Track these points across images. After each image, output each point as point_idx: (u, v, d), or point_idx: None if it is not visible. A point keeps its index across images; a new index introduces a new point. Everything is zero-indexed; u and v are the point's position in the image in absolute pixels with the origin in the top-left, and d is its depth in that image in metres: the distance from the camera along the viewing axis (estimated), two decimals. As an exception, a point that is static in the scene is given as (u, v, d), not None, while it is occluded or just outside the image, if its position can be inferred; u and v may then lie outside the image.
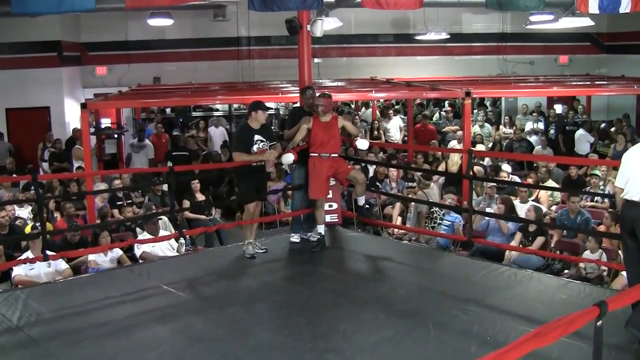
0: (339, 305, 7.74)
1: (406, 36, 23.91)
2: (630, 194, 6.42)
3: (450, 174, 15.36)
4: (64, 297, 8.12)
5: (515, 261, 10.75)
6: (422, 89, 16.57)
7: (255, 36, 23.11)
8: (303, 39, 10.95)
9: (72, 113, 20.14)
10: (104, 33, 21.66)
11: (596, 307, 4.08)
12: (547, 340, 3.75)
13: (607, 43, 24.95)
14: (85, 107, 12.94)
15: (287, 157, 9.60)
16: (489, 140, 19.69)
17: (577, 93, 20.66)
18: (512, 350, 3.51)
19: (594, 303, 4.15)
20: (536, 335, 3.68)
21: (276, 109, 22.77)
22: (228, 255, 9.96)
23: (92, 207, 12.42)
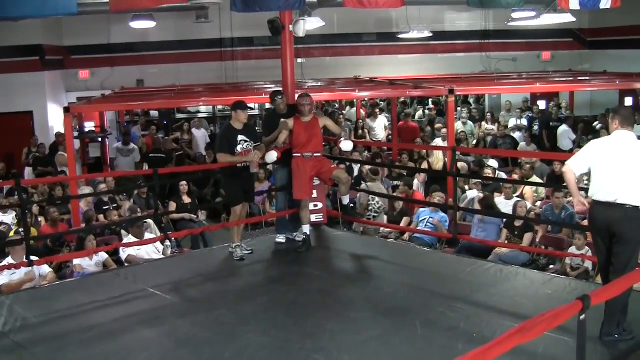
0: (326, 305, 7.74)
1: (389, 35, 23.91)
2: (601, 195, 6.33)
3: (434, 171, 15.37)
4: (50, 302, 8.08)
5: (501, 257, 10.79)
6: (405, 87, 16.60)
7: (238, 37, 23.05)
8: (286, 39, 10.94)
9: (55, 117, 20.05)
10: (87, 36, 21.53)
11: (579, 301, 4.10)
12: (531, 335, 3.76)
13: (589, 39, 25.04)
14: (69, 111, 12.91)
15: (271, 155, 9.59)
16: (472, 137, 19.74)
17: (560, 89, 20.76)
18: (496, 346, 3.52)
19: (577, 297, 4.17)
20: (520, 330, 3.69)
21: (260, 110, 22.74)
22: (214, 257, 9.95)
23: (77, 212, 12.38)
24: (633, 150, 6.29)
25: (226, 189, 10.57)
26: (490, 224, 11.79)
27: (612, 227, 6.27)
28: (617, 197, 6.20)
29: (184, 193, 14.11)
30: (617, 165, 6.26)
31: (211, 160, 16.64)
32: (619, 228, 6.23)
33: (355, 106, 23.82)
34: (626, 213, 6.18)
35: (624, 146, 6.34)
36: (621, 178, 6.21)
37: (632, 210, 6.16)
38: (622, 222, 6.20)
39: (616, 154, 6.33)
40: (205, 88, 18.94)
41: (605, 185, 6.30)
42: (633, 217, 6.18)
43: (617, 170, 6.25)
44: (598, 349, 6.05)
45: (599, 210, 6.38)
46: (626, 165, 6.23)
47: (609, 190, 6.26)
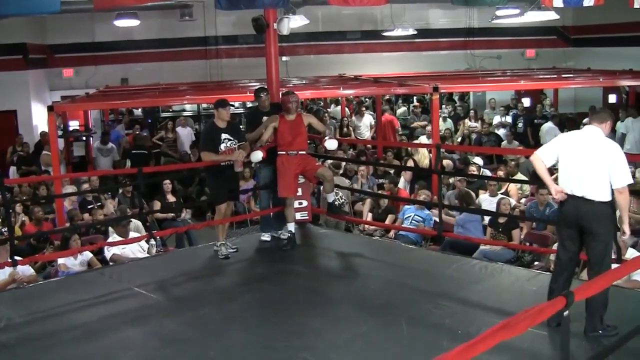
0: (311, 303, 7.74)
1: (374, 33, 23.92)
2: (569, 189, 6.42)
3: (419, 169, 15.38)
4: (35, 301, 8.04)
5: (486, 254, 10.81)
6: (390, 85, 16.62)
7: (222, 35, 23.04)
8: (270, 37, 10.92)
9: (39, 116, 19.97)
10: (71, 35, 21.48)
11: (563, 297, 4.11)
12: (515, 331, 3.77)
13: (573, 36, 25.13)
14: (53, 109, 12.85)
15: (256, 154, 9.57)
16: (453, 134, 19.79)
17: (544, 86, 20.78)
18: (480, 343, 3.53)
19: (561, 293, 4.19)
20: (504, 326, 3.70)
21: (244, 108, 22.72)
22: (199, 256, 9.94)
23: (61, 211, 12.33)
24: (595, 148, 6.36)
25: (210, 188, 10.55)
26: (471, 221, 11.81)
27: (582, 221, 6.36)
28: (585, 192, 6.29)
29: (168, 192, 14.08)
30: (582, 161, 6.36)
31: (196, 158, 16.61)
32: (589, 223, 6.31)
33: (340, 104, 23.83)
34: (594, 208, 6.27)
35: (588, 143, 6.43)
36: (586, 174, 6.31)
37: (600, 205, 6.26)
38: (590, 216, 6.28)
39: (581, 150, 6.42)
40: (190, 86, 18.89)
41: (573, 180, 6.39)
42: (600, 213, 6.27)
43: (582, 166, 6.35)
44: (582, 345, 6.08)
45: (570, 204, 6.46)
46: (589, 162, 6.32)
47: (577, 185, 6.35)
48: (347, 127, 20.48)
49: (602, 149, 6.33)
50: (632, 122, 17.56)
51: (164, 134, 20.40)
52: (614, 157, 6.26)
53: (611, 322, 6.30)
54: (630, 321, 5.89)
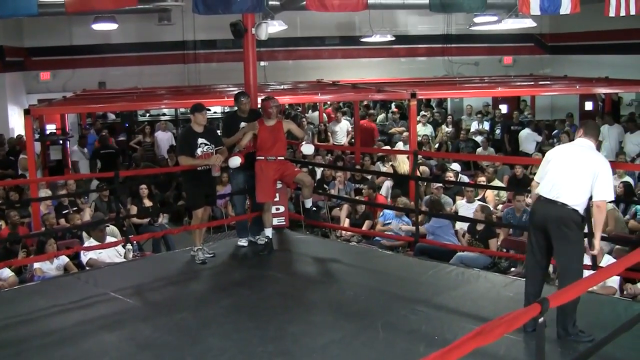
0: (288, 309, 7.73)
1: (352, 39, 24.01)
2: (545, 192, 6.49)
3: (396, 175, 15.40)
4: (9, 306, 7.99)
5: (462, 260, 10.85)
6: (368, 90, 16.66)
7: (201, 40, 23.03)
8: (248, 42, 10.92)
9: (15, 119, 19.88)
10: (48, 38, 21.41)
11: (538, 304, 4.14)
12: (490, 338, 3.78)
13: (550, 43, 25.33)
14: (29, 112, 12.78)
15: (234, 160, 9.54)
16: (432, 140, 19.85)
17: (521, 93, 20.91)
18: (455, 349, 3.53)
19: (536, 300, 4.22)
20: (479, 333, 3.71)
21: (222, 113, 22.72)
22: (175, 261, 9.90)
23: (37, 215, 12.27)
24: (583, 158, 6.42)
25: (187, 192, 10.52)
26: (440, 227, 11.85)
27: (548, 224, 6.41)
28: (559, 195, 6.35)
29: (145, 196, 14.04)
30: (566, 168, 6.42)
31: (173, 163, 16.57)
32: (554, 225, 6.37)
33: (318, 109, 23.85)
34: (563, 212, 6.32)
35: (578, 152, 6.50)
36: (567, 180, 6.36)
37: (570, 211, 6.31)
38: (558, 219, 6.34)
39: (568, 158, 6.49)
40: (168, 91, 18.85)
41: (551, 183, 6.45)
42: (568, 217, 6.31)
43: (565, 172, 6.41)
44: (557, 351, 6.12)
45: (540, 206, 6.54)
46: (573, 169, 6.38)
47: (552, 189, 6.42)
48: (324, 132, 20.50)
49: (592, 160, 6.39)
50: (608, 130, 17.69)
51: (141, 138, 20.36)
52: (601, 170, 6.32)
53: (586, 327, 6.34)
54: (604, 327, 5.94)
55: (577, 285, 5.13)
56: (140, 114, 23.65)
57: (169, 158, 17.85)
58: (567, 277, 6.27)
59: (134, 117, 23.21)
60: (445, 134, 20.44)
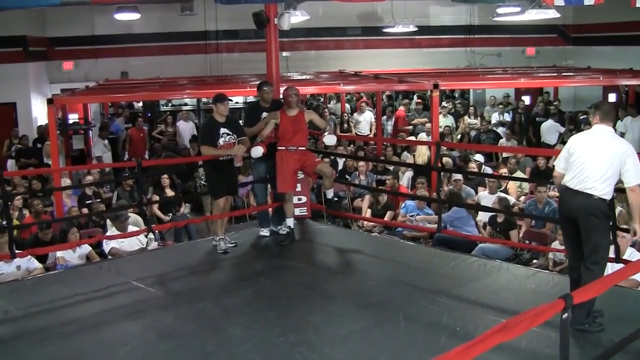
0: (309, 299, 7.74)
1: (374, 29, 23.91)
2: (572, 183, 6.48)
3: (419, 165, 15.36)
4: (32, 294, 8.05)
5: (484, 251, 10.81)
6: (390, 81, 16.61)
7: (223, 30, 23.00)
8: (270, 32, 10.92)
9: (38, 109, 19.97)
10: (71, 28, 21.43)
11: (562, 299, 4.10)
12: (514, 333, 3.76)
13: (573, 35, 25.13)
14: (52, 102, 12.83)
15: (257, 150, 9.56)
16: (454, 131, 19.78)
17: (544, 84, 20.77)
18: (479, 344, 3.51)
19: (560, 296, 4.18)
20: (503, 328, 3.68)
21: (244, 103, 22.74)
22: (197, 250, 9.93)
23: (60, 204, 12.31)
24: (608, 145, 6.39)
25: (209, 182, 10.52)
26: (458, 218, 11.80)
27: (576, 214, 6.41)
28: (585, 186, 6.34)
29: (167, 186, 14.07)
30: (591, 156, 6.39)
31: (195, 153, 16.59)
32: (582, 216, 6.35)
33: (340, 100, 23.82)
34: (591, 202, 6.30)
35: (601, 140, 6.47)
36: (592, 169, 6.34)
37: (597, 200, 6.29)
38: (585, 210, 6.32)
39: (592, 146, 6.45)
40: (190, 80, 18.88)
41: (577, 174, 6.43)
42: (596, 207, 6.30)
43: (589, 161, 6.38)
44: (580, 344, 6.08)
45: (567, 197, 6.52)
46: (598, 158, 6.35)
47: (579, 179, 6.39)
48: (347, 123, 20.49)
49: (617, 146, 6.38)
50: (632, 122, 17.59)
51: (163, 127, 20.41)
52: (628, 154, 6.30)
53: (609, 320, 6.31)
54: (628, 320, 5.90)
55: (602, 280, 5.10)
56: (162, 103, 23.69)
57: (191, 148, 17.87)
58: (593, 266, 6.28)
59: (156, 107, 23.26)
60: (467, 125, 20.35)
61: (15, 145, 17.97)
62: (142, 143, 18.81)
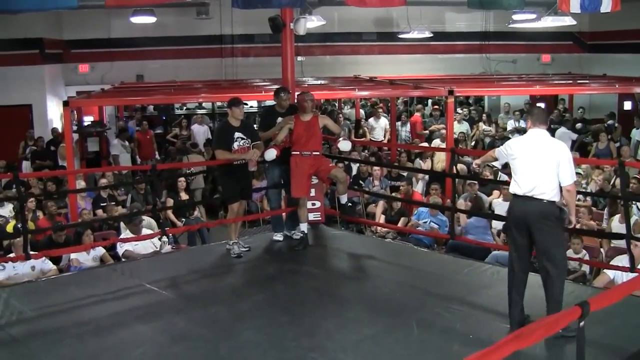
0: (322, 304, 7.74)
1: (389, 34, 23.92)
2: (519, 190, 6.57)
3: (433, 172, 15.34)
4: (46, 295, 8.08)
5: (498, 259, 10.77)
6: (405, 87, 16.60)
7: (238, 34, 23.04)
8: (286, 37, 10.94)
9: (54, 111, 20.06)
10: (87, 30, 21.52)
11: (578, 307, 4.08)
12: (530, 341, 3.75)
13: (589, 42, 25.08)
14: (68, 104, 12.88)
15: (270, 152, 9.55)
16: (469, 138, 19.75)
17: (559, 92, 20.76)
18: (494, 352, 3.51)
19: (576, 303, 4.16)
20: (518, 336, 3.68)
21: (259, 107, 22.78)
22: (211, 254, 9.95)
23: (75, 206, 12.36)
24: (545, 148, 6.50)
25: (223, 186, 10.53)
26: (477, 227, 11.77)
27: (528, 220, 6.47)
28: (533, 191, 6.42)
29: (182, 189, 14.10)
30: (533, 162, 6.50)
31: (209, 156, 16.62)
32: (535, 221, 6.42)
33: (355, 105, 23.82)
34: (542, 206, 6.39)
35: (537, 144, 6.56)
36: (537, 175, 6.43)
37: (547, 204, 6.38)
38: (539, 214, 6.40)
39: (531, 151, 6.56)
40: (205, 84, 18.93)
41: (522, 180, 6.53)
42: (548, 211, 6.39)
43: (532, 167, 6.48)
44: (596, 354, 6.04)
45: (517, 204, 6.62)
46: (540, 162, 6.46)
47: (527, 186, 6.47)
48: (362, 128, 20.51)
49: (551, 148, 6.48)
50: (648, 130, 17.53)
51: (178, 131, 20.45)
52: (562, 155, 6.40)
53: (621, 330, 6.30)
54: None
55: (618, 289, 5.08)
56: (177, 107, 23.74)
57: (205, 151, 17.90)
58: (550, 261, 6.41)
59: (171, 110, 23.33)
60: (482, 131, 20.31)
61: (30, 147, 18.04)
62: (150, 145, 18.85)
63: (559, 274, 6.45)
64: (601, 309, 4.33)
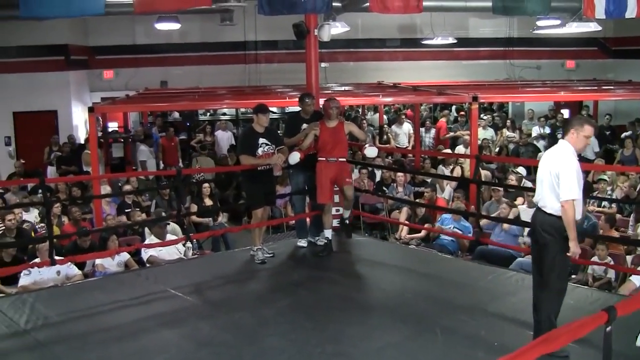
0: (346, 310, 7.73)
1: (413, 41, 23.89)
2: (535, 199, 6.62)
3: (457, 178, 15.30)
4: (71, 300, 8.13)
5: (522, 266, 10.72)
6: (429, 93, 16.57)
7: (262, 40, 23.07)
8: (310, 43, 10.96)
9: (79, 117, 20.19)
10: (112, 37, 21.65)
11: (605, 312, 4.06)
12: (556, 345, 3.74)
13: (614, 48, 24.93)
14: (93, 110, 12.96)
15: (294, 156, 9.56)
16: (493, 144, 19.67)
17: (584, 98, 20.64)
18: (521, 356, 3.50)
19: (603, 308, 4.13)
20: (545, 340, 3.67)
21: (282, 113, 22.84)
22: (235, 260, 9.97)
23: (99, 211, 12.42)
24: (549, 161, 6.45)
25: (247, 192, 10.56)
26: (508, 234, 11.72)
27: (534, 230, 6.51)
28: (539, 202, 6.44)
29: (206, 195, 14.14)
30: (539, 172, 6.54)
31: (233, 162, 16.66)
32: (536, 232, 6.42)
33: (378, 111, 23.80)
34: (544, 218, 6.35)
35: (547, 156, 6.57)
36: (542, 186, 6.42)
37: (547, 216, 6.33)
38: (540, 226, 6.38)
39: (542, 161, 6.58)
40: (228, 90, 18.97)
41: (536, 191, 6.58)
42: (548, 223, 6.31)
43: (538, 177, 6.53)
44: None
45: (533, 214, 6.66)
46: (542, 172, 6.46)
47: (537, 196, 6.52)
48: (386, 134, 20.50)
49: (551, 161, 6.40)
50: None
51: (202, 137, 20.51)
52: (560, 170, 6.22)
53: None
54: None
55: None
56: (200, 113, 23.82)
57: (229, 157, 17.94)
58: (544, 287, 6.39)
59: (195, 116, 23.39)
60: (506, 138, 20.23)
61: (54, 152, 18.15)
62: (174, 152, 18.91)
63: (548, 296, 6.39)
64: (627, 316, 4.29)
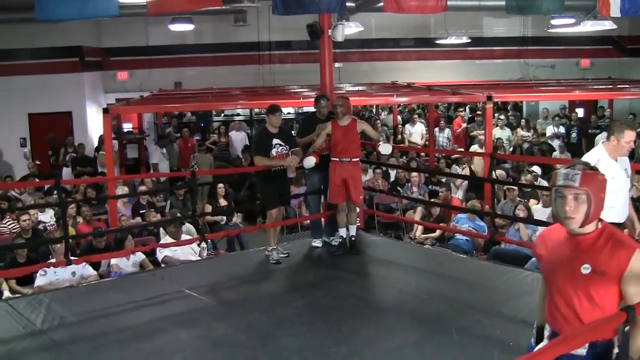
0: (361, 310, 7.72)
1: (427, 40, 23.85)
2: None
3: (472, 177, 15.26)
4: (87, 301, 8.15)
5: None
6: (443, 93, 16.52)
7: (276, 41, 23.10)
8: (324, 43, 10.95)
9: (94, 118, 20.25)
10: (125, 38, 21.71)
11: (623, 312, 4.03)
12: (574, 345, 3.72)
13: (629, 46, 24.85)
14: (108, 111, 13.00)
15: (309, 160, 9.56)
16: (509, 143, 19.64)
17: (599, 97, 20.59)
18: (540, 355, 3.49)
19: (621, 308, 4.11)
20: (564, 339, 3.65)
21: (296, 114, 22.85)
22: (250, 260, 9.98)
23: (114, 212, 12.46)
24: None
25: (262, 193, 10.55)
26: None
27: None
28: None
29: (221, 196, 14.15)
30: None
31: (247, 163, 16.68)
32: None
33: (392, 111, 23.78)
34: None
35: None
36: None
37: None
38: None
39: None
40: (242, 91, 18.98)
41: None
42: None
43: None
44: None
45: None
46: None
47: None
48: (401, 134, 20.50)
49: None
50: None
51: (216, 138, 20.54)
52: None
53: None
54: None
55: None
56: (214, 114, 23.86)
57: (243, 158, 17.96)
58: None
59: (209, 117, 23.43)
60: (520, 137, 20.18)
61: (69, 153, 18.21)
62: (190, 153, 18.96)
63: None
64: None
